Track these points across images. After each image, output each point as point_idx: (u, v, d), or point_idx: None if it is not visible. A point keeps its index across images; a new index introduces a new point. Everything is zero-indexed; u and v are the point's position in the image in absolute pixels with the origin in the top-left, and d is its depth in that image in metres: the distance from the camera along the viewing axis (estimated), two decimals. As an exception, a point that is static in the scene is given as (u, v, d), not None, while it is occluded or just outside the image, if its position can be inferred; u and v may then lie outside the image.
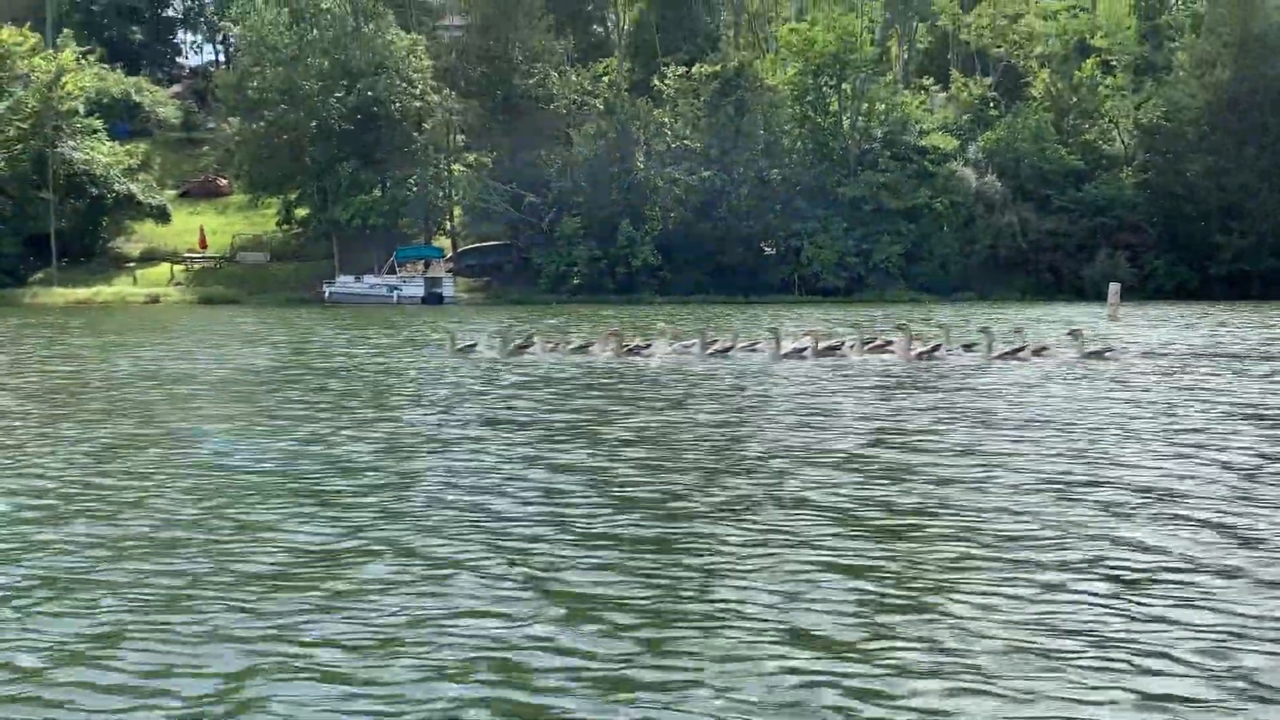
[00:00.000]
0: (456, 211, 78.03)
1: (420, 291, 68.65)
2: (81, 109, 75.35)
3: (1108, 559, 7.58)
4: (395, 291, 68.63)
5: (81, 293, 68.88)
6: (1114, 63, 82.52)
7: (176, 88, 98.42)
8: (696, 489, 9.91)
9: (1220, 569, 7.35)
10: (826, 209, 73.06)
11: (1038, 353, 24.04)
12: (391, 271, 71.01)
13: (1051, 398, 17.09)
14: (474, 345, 26.30)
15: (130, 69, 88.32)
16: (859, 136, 75.97)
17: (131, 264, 76.56)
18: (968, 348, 25.15)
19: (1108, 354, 23.99)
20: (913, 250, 72.87)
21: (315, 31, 71.68)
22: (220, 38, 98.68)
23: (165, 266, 75.28)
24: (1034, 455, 11.66)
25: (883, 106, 76.64)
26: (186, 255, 76.25)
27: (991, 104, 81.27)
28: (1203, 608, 6.56)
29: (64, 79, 73.46)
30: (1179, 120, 73.85)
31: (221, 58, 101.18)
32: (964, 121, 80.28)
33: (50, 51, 75.48)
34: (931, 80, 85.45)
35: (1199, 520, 8.65)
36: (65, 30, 78.25)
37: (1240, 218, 71.22)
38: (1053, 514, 8.90)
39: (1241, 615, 6.41)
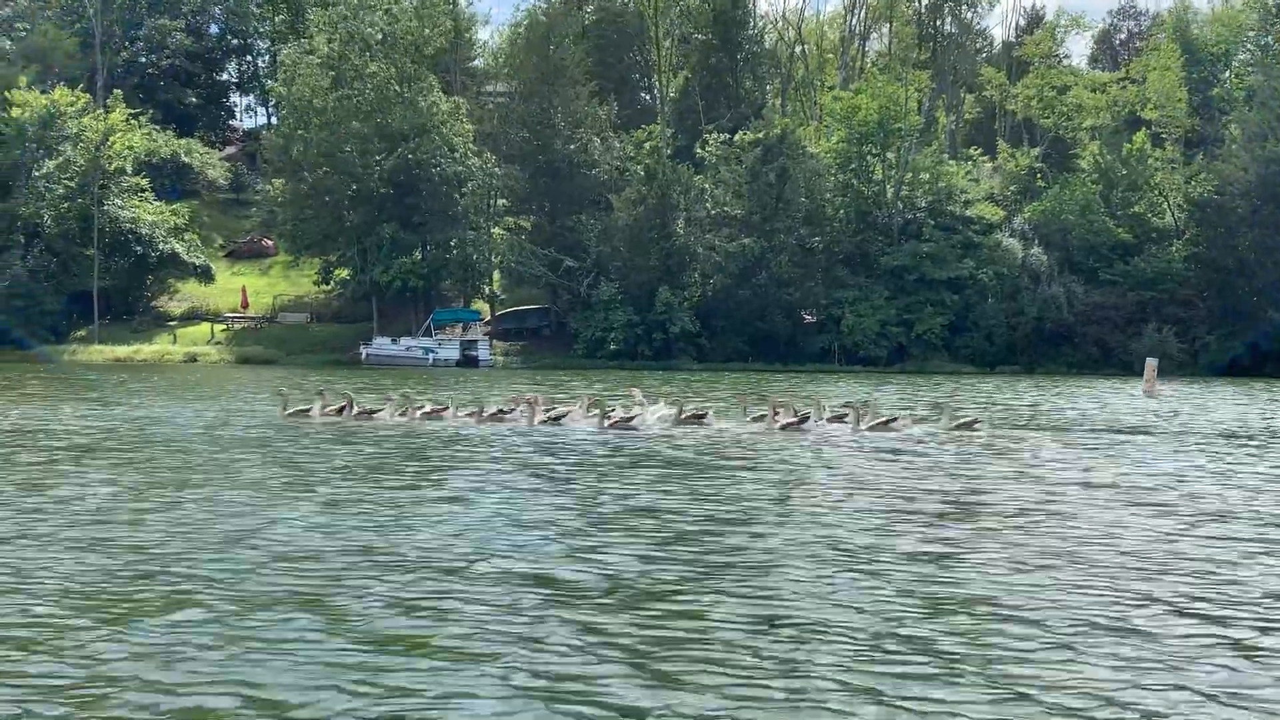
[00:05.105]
0: (495, 275, 77.88)
1: (456, 354, 68.35)
2: (129, 169, 76.41)
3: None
4: (430, 354, 68.31)
5: (121, 350, 69.26)
6: (1164, 135, 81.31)
7: (229, 150, 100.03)
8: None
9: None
10: (868, 278, 72.12)
11: (909, 423, 24.30)
12: (428, 334, 70.86)
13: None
14: (308, 410, 25.49)
15: (184, 131, 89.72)
16: (903, 205, 74.99)
17: (173, 323, 77.09)
18: (836, 419, 24.58)
19: (976, 425, 24.04)
20: (956, 321, 71.52)
21: (358, 96, 72.09)
22: (272, 102, 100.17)
23: (206, 326, 75.72)
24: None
25: (927, 175, 75.71)
26: (228, 315, 76.65)
27: (1039, 175, 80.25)
28: None
29: (112, 139, 74.64)
30: (1230, 193, 72.13)
31: (273, 120, 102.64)
32: (1010, 192, 79.30)
33: (100, 112, 76.73)
34: (978, 150, 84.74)
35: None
36: (115, 91, 79.49)
37: (1293, 292, 69.22)
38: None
39: None
